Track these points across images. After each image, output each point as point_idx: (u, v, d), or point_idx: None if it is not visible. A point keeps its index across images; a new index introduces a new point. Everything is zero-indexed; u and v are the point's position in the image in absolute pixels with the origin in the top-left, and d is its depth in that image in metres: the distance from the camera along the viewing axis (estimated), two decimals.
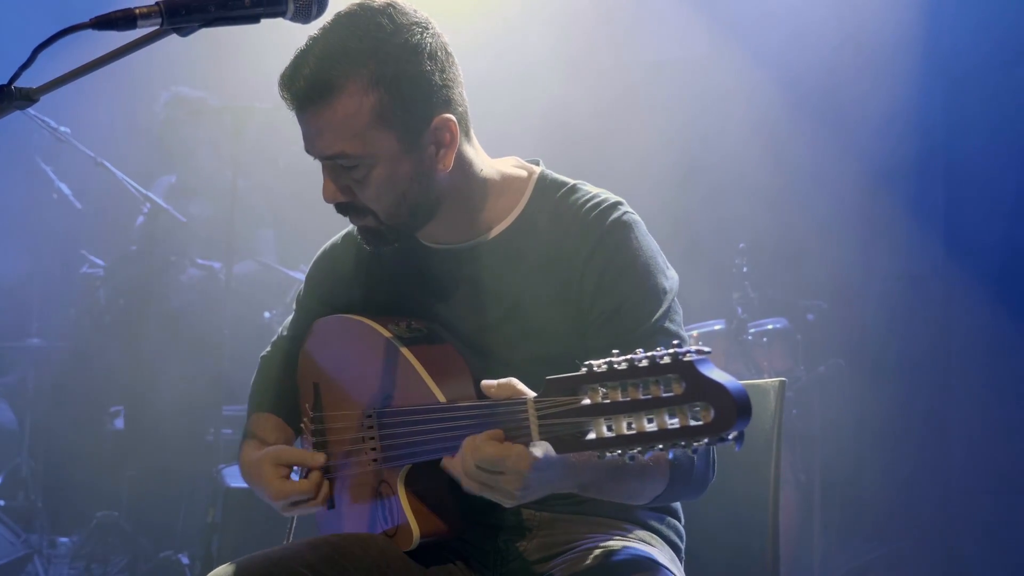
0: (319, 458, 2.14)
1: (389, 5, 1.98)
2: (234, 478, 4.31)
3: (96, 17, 1.63)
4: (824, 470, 5.11)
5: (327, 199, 2.04)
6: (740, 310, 4.90)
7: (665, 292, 2.02)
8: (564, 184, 2.11)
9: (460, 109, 2.02)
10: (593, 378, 1.56)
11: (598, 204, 2.05)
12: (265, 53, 5.45)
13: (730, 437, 1.46)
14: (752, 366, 4.84)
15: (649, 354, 1.51)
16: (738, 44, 5.61)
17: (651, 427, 1.50)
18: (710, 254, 5.16)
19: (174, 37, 1.72)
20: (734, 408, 1.44)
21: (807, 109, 5.47)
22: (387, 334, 2.06)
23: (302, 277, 5.13)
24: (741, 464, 2.33)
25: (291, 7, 1.73)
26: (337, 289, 2.28)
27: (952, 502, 5.22)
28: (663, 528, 2.15)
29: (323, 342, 2.29)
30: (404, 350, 2.01)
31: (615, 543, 2.04)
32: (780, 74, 5.54)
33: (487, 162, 2.10)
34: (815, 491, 5.06)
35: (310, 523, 2.33)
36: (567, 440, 1.61)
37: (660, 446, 1.50)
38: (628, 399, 1.52)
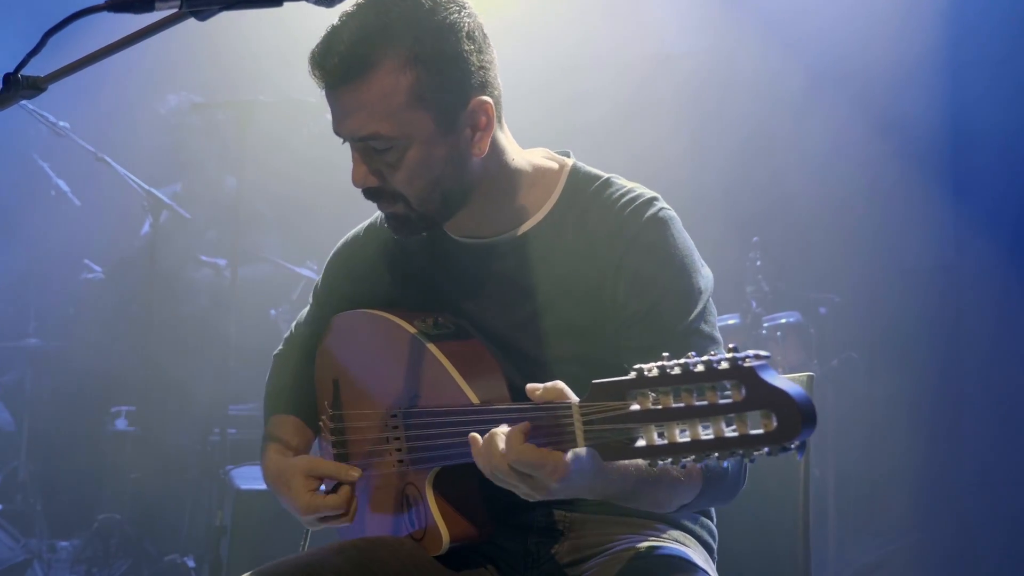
0: (353, 473, 2.08)
1: None
2: (244, 480, 4.25)
3: None
4: (838, 464, 5.11)
5: (357, 183, 1.96)
6: (754, 304, 4.89)
7: (700, 292, 1.95)
8: (598, 178, 2.04)
9: (496, 93, 1.95)
10: (643, 383, 1.49)
11: (634, 199, 1.98)
12: (265, 46, 5.47)
13: (793, 446, 1.39)
14: None
15: (705, 358, 1.43)
16: (748, 36, 5.60)
17: (707, 434, 1.42)
18: (724, 248, 5.12)
19: (179, 27, 1.65)
20: (799, 416, 1.37)
21: (820, 101, 5.44)
22: (413, 330, 2.00)
23: (309, 274, 5.19)
24: (771, 462, 2.27)
25: None
26: (358, 283, 2.21)
27: (968, 495, 5.19)
28: (696, 528, 2.10)
29: (344, 338, 2.22)
30: (432, 347, 1.95)
31: (649, 543, 1.99)
32: (792, 66, 5.51)
33: (519, 152, 2.03)
34: (830, 485, 5.07)
35: (325, 528, 2.27)
36: (615, 447, 1.55)
37: (716, 454, 1.42)
38: (682, 405, 1.44)
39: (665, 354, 1.49)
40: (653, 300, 1.93)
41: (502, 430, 1.67)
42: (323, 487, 2.11)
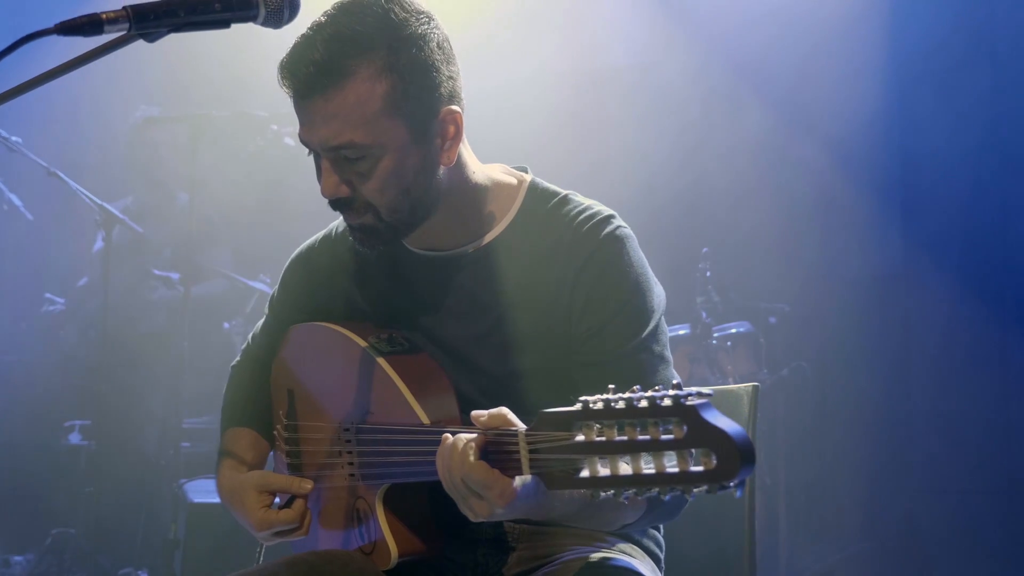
0: (306, 485, 2.08)
1: None
2: (197, 493, 4.24)
3: (61, 22, 1.58)
4: (788, 473, 5.13)
5: (327, 194, 1.94)
6: (704, 314, 4.92)
7: (652, 311, 1.97)
8: (556, 194, 2.06)
9: (462, 103, 1.97)
10: (588, 415, 1.49)
11: (592, 216, 2.00)
12: (217, 61, 5.47)
13: (732, 485, 1.40)
14: (717, 370, 4.85)
15: (648, 394, 1.44)
16: (693, 49, 5.63)
17: (648, 469, 1.43)
18: (673, 259, 5.15)
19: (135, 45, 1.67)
20: (737, 456, 1.37)
21: (767, 114, 5.49)
22: (364, 344, 2.00)
23: (262, 287, 5.18)
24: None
25: (262, 11, 1.70)
26: (316, 293, 2.20)
27: (917, 502, 5.26)
28: (643, 539, 2.12)
29: (299, 350, 2.22)
30: (383, 363, 1.96)
31: (597, 555, 2.01)
32: (738, 80, 5.56)
33: (479, 166, 2.05)
34: (780, 494, 5.08)
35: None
36: (559, 477, 1.57)
37: (656, 490, 1.44)
38: (625, 438, 1.45)
39: (611, 385, 1.50)
40: (606, 317, 1.94)
41: (462, 437, 1.69)
42: (277, 500, 2.11)
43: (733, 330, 5.05)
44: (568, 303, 1.96)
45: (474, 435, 1.68)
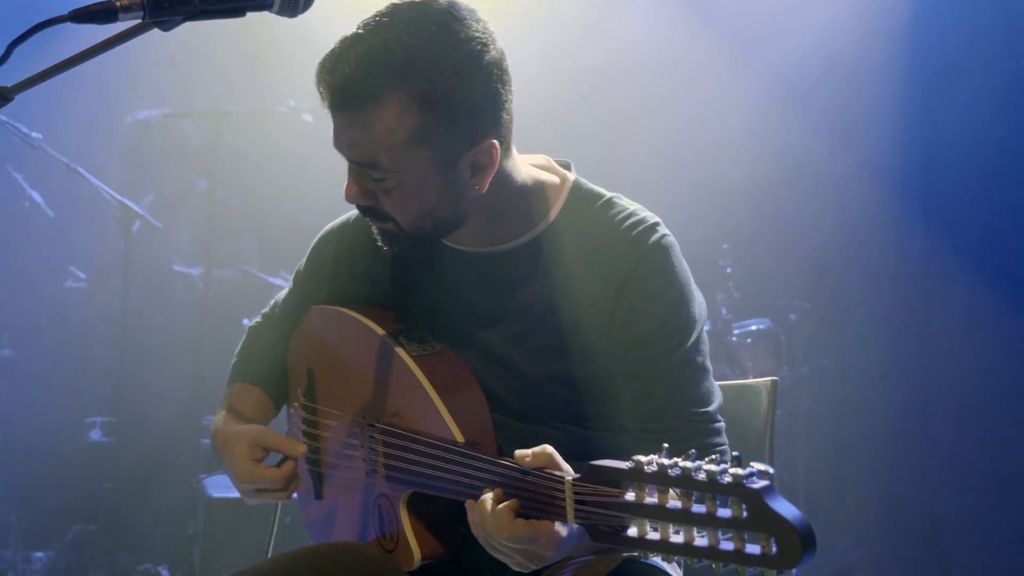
0: (299, 448, 2.04)
1: (450, 11, 1.82)
2: (216, 488, 4.24)
3: (75, 10, 1.56)
4: (808, 470, 5.11)
5: (349, 200, 1.91)
6: (724, 311, 4.91)
7: (695, 321, 1.93)
8: (601, 196, 2.00)
9: (504, 130, 1.88)
10: (640, 477, 1.45)
11: (639, 223, 1.94)
12: (235, 55, 5.48)
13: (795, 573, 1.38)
14: (737, 367, 4.84)
15: (707, 467, 1.38)
16: (718, 46, 5.61)
17: (701, 542, 1.39)
18: (694, 255, 5.12)
19: (148, 36, 1.65)
20: (800, 546, 1.33)
21: (789, 110, 5.47)
22: (391, 340, 1.97)
23: (282, 283, 5.17)
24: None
25: (277, 0, 1.68)
26: (343, 275, 2.15)
27: (935, 501, 5.22)
28: None
29: (323, 332, 2.18)
30: (412, 365, 1.93)
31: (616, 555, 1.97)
32: (762, 76, 5.54)
33: (521, 165, 1.97)
34: (799, 490, 5.07)
35: (293, 531, 2.27)
36: (605, 532, 1.52)
37: (707, 562, 1.39)
38: (679, 507, 1.40)
39: (665, 445, 1.46)
40: (650, 329, 1.90)
41: (489, 502, 1.65)
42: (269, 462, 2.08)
43: (753, 327, 5.04)
44: (611, 310, 1.91)
45: (507, 501, 1.65)
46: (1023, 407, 5.04)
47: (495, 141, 1.85)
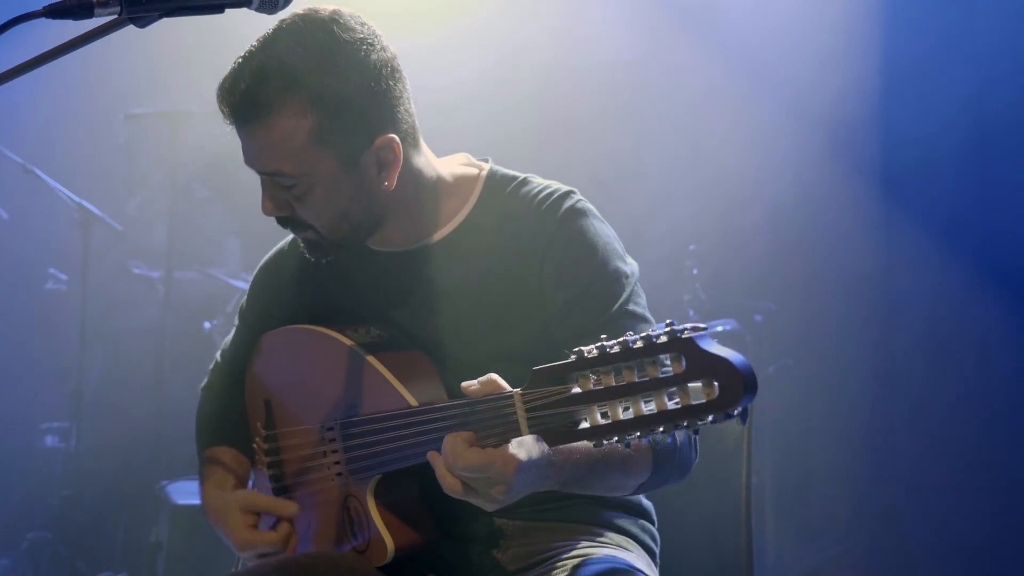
0: (291, 508, 2.08)
1: (334, 19, 1.91)
2: (180, 495, 4.20)
3: (50, 4, 1.54)
4: (775, 471, 5.14)
5: (266, 213, 1.98)
6: (691, 312, 4.92)
7: (627, 276, 1.99)
8: (514, 178, 2.08)
9: (405, 126, 1.96)
10: (583, 364, 1.50)
11: (550, 194, 2.01)
12: (197, 56, 5.40)
13: (735, 412, 1.41)
14: None
15: (644, 335, 1.45)
16: (682, 44, 5.61)
17: (649, 409, 1.45)
18: (660, 257, 5.15)
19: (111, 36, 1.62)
20: (740, 381, 1.38)
21: (754, 110, 5.48)
22: (348, 342, 2.00)
23: (243, 286, 5.11)
24: (711, 465, 2.29)
25: None
26: (284, 298, 2.21)
27: (902, 501, 5.26)
28: (638, 532, 2.11)
29: (274, 356, 2.21)
30: (369, 357, 1.96)
31: (592, 550, 1.99)
32: (726, 75, 5.55)
33: (436, 165, 2.05)
34: (767, 492, 5.09)
35: None
36: (560, 431, 1.56)
37: (661, 428, 1.44)
38: (623, 383, 1.46)
39: (603, 336, 1.51)
40: (582, 287, 1.95)
41: (447, 443, 1.67)
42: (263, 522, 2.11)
43: (720, 328, 5.05)
44: (539, 280, 1.97)
45: (456, 435, 1.67)
46: (992, 404, 5.07)
47: (394, 136, 1.93)
